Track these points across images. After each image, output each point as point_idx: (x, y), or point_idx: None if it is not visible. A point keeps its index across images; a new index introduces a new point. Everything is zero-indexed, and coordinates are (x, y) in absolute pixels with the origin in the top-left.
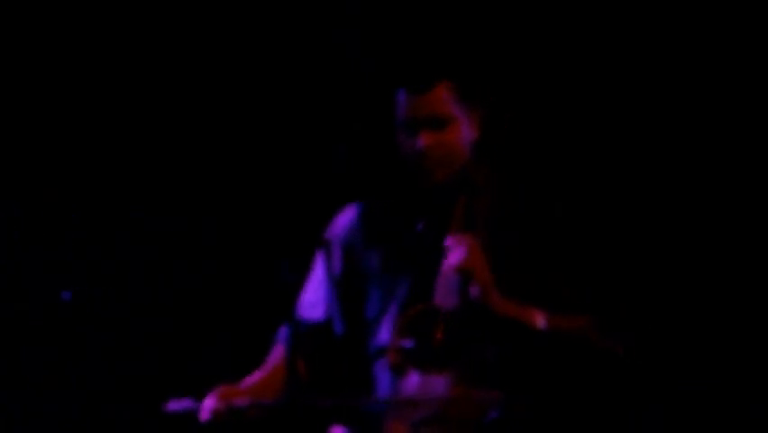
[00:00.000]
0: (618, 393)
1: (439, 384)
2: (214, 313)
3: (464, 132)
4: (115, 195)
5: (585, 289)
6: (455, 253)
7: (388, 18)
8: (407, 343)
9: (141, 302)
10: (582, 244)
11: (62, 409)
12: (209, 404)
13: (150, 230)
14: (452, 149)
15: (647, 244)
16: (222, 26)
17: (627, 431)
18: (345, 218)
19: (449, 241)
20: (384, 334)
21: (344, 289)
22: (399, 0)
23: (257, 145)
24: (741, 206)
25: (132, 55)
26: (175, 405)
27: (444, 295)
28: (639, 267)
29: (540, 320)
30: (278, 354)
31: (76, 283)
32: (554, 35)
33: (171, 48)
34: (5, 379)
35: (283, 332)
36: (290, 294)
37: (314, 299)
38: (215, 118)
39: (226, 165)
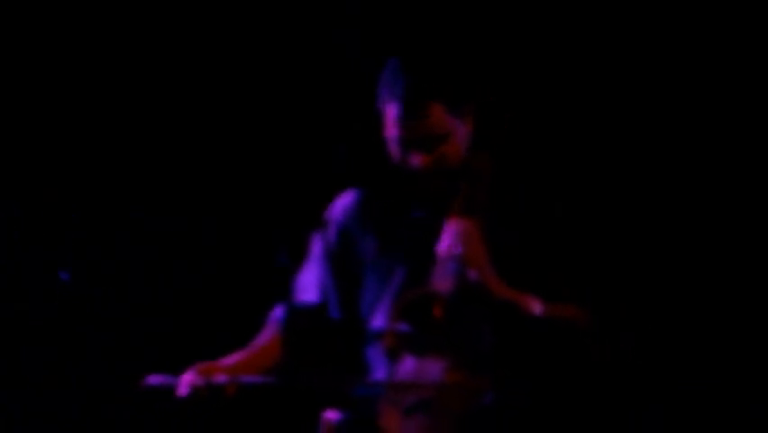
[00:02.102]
0: (618, 393)
1: (434, 369)
2: (215, 313)
3: (459, 137)
4: (115, 195)
5: (585, 289)
6: (453, 236)
7: (388, 18)
8: (403, 327)
9: (141, 302)
10: (582, 244)
11: (62, 409)
12: (187, 379)
13: (150, 230)
14: (448, 160)
15: (647, 244)
16: (222, 26)
17: (627, 431)
18: (344, 202)
19: (447, 225)
20: (380, 319)
21: (341, 271)
22: (399, 0)
23: (257, 145)
24: (741, 205)
25: (131, 55)
26: (154, 379)
27: (441, 280)
28: (639, 267)
29: (536, 306)
30: (267, 334)
31: (74, 278)
32: (553, 34)
33: (171, 48)
34: (5, 379)
35: (276, 313)
36: (287, 281)
37: (308, 281)
38: (215, 118)
39: (226, 165)
